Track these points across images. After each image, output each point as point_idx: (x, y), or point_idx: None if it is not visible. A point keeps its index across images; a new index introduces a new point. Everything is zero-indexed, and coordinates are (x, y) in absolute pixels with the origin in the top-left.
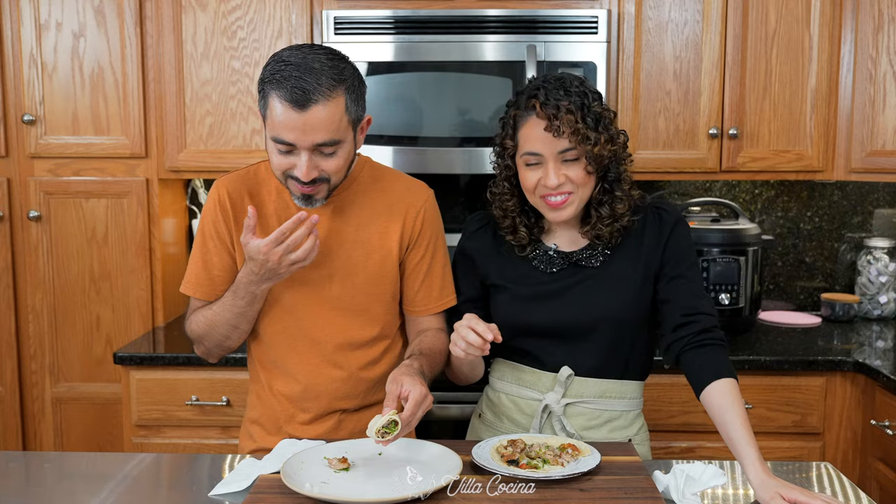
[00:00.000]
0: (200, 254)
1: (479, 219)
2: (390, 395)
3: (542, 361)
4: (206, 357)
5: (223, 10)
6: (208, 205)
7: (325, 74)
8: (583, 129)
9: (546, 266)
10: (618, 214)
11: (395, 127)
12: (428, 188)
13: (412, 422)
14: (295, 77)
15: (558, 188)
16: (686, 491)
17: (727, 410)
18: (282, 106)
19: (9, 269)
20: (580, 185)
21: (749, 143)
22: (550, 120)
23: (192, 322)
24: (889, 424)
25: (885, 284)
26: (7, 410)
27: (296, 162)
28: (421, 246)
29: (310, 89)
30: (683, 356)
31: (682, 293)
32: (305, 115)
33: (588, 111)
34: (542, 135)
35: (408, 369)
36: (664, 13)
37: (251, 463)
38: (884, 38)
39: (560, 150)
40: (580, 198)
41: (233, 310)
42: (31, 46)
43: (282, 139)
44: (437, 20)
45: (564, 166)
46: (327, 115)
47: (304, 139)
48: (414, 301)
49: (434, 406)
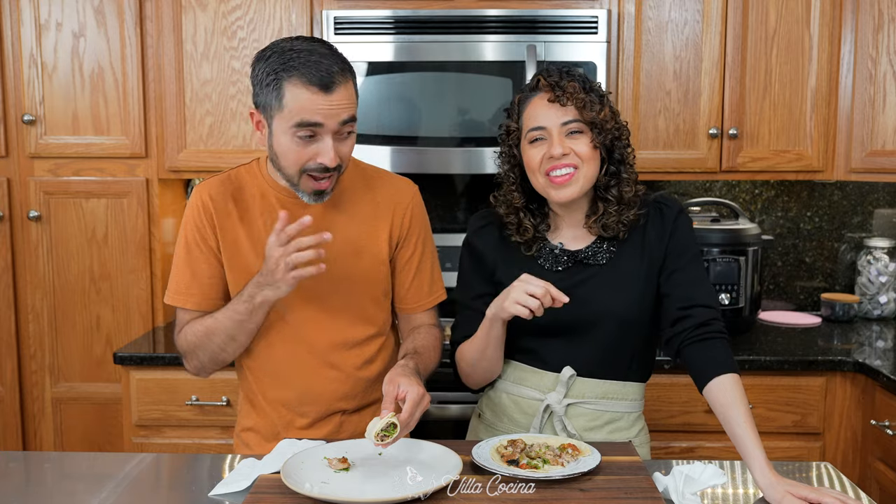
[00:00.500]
0: (185, 263)
1: (484, 216)
2: (388, 397)
3: (545, 361)
4: (198, 373)
5: (223, 10)
6: (190, 211)
7: (335, 58)
8: (586, 99)
9: (552, 264)
10: (625, 199)
11: (395, 127)
12: (413, 185)
13: (411, 423)
14: (313, 62)
15: (563, 158)
16: (685, 491)
17: (730, 407)
18: (307, 90)
19: (9, 269)
20: (585, 159)
21: (749, 143)
22: (554, 89)
23: (188, 332)
24: (889, 424)
25: (885, 284)
26: (7, 410)
27: (317, 150)
28: (410, 242)
29: (333, 71)
30: (684, 351)
31: (681, 286)
32: (332, 96)
33: (591, 87)
34: (547, 108)
35: (403, 370)
36: (664, 13)
37: (251, 463)
38: (884, 38)
39: (564, 120)
40: (585, 175)
41: (233, 317)
42: (31, 46)
43: (309, 121)
44: (437, 20)
45: (570, 139)
46: (348, 94)
47: (332, 119)
48: (406, 298)
49: (434, 406)
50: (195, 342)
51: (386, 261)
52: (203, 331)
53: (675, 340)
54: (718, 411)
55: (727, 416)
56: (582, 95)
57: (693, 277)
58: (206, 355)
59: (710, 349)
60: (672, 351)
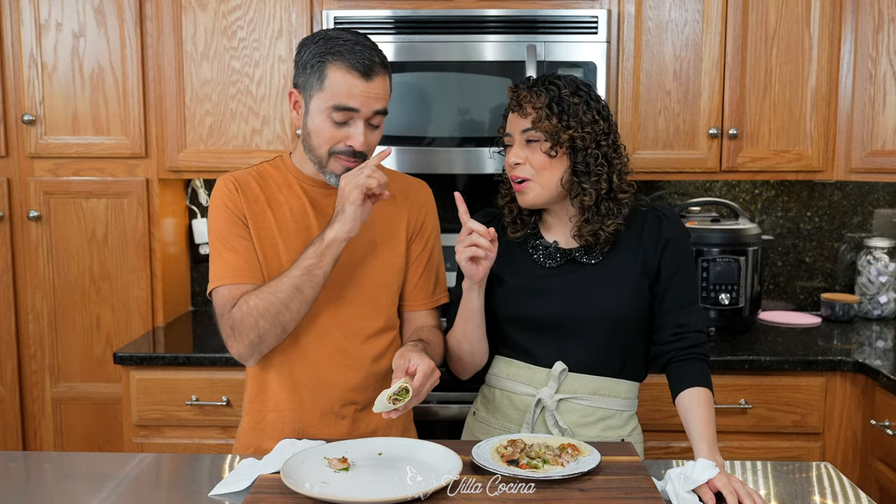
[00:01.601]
0: (224, 246)
1: (483, 215)
2: (398, 369)
3: (536, 357)
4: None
5: (223, 10)
6: (218, 198)
7: (376, 52)
8: (543, 110)
9: (545, 260)
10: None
11: (395, 127)
12: (427, 185)
13: (421, 392)
14: (358, 50)
15: (516, 168)
16: (681, 491)
17: (692, 410)
18: (349, 75)
19: (9, 269)
20: (538, 169)
21: (749, 143)
22: (512, 98)
23: (248, 298)
24: (889, 424)
25: (885, 284)
26: (7, 410)
27: (349, 133)
28: (422, 239)
29: (375, 61)
30: (669, 366)
31: (673, 312)
32: (370, 84)
33: (556, 97)
34: (512, 115)
35: (413, 347)
36: (664, 13)
37: (251, 463)
38: (884, 38)
39: (522, 129)
40: (540, 184)
41: (301, 263)
42: (31, 46)
43: (346, 106)
44: (437, 20)
45: (528, 147)
46: (384, 86)
47: (367, 106)
48: (412, 295)
49: (435, 405)
50: (256, 305)
51: (403, 253)
52: (267, 290)
53: (663, 357)
54: (682, 414)
55: (687, 417)
56: (540, 105)
57: (687, 299)
58: (267, 320)
59: (691, 366)
60: (658, 366)
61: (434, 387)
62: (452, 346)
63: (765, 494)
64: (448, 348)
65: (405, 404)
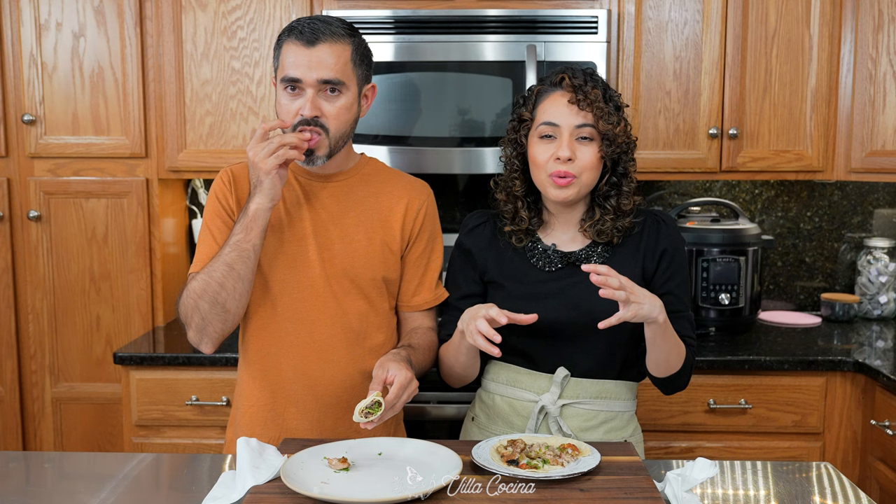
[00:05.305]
0: (206, 236)
1: (479, 216)
2: (376, 380)
3: (538, 362)
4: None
5: (223, 10)
6: (213, 187)
7: (336, 24)
8: (605, 108)
9: (544, 264)
10: (622, 210)
11: (395, 127)
12: (428, 186)
13: (396, 405)
14: (307, 22)
15: (567, 164)
16: (680, 491)
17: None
18: (293, 46)
19: (9, 269)
20: (586, 168)
21: (749, 143)
22: (576, 91)
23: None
24: (889, 424)
25: (885, 284)
26: (7, 410)
27: (301, 103)
28: (422, 241)
29: (319, 30)
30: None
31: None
32: (312, 51)
33: (610, 97)
34: (564, 107)
35: (395, 356)
36: (664, 13)
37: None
38: (884, 38)
39: (578, 124)
40: (583, 182)
41: (230, 241)
42: (31, 46)
43: (289, 76)
44: (437, 20)
45: (579, 144)
46: (333, 54)
47: (310, 74)
48: (412, 295)
49: (431, 406)
50: (195, 288)
51: (398, 251)
52: (204, 271)
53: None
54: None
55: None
56: (601, 104)
57: (678, 306)
58: (206, 300)
59: None
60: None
61: (411, 398)
62: (445, 362)
63: (765, 494)
64: (440, 358)
65: (378, 417)
